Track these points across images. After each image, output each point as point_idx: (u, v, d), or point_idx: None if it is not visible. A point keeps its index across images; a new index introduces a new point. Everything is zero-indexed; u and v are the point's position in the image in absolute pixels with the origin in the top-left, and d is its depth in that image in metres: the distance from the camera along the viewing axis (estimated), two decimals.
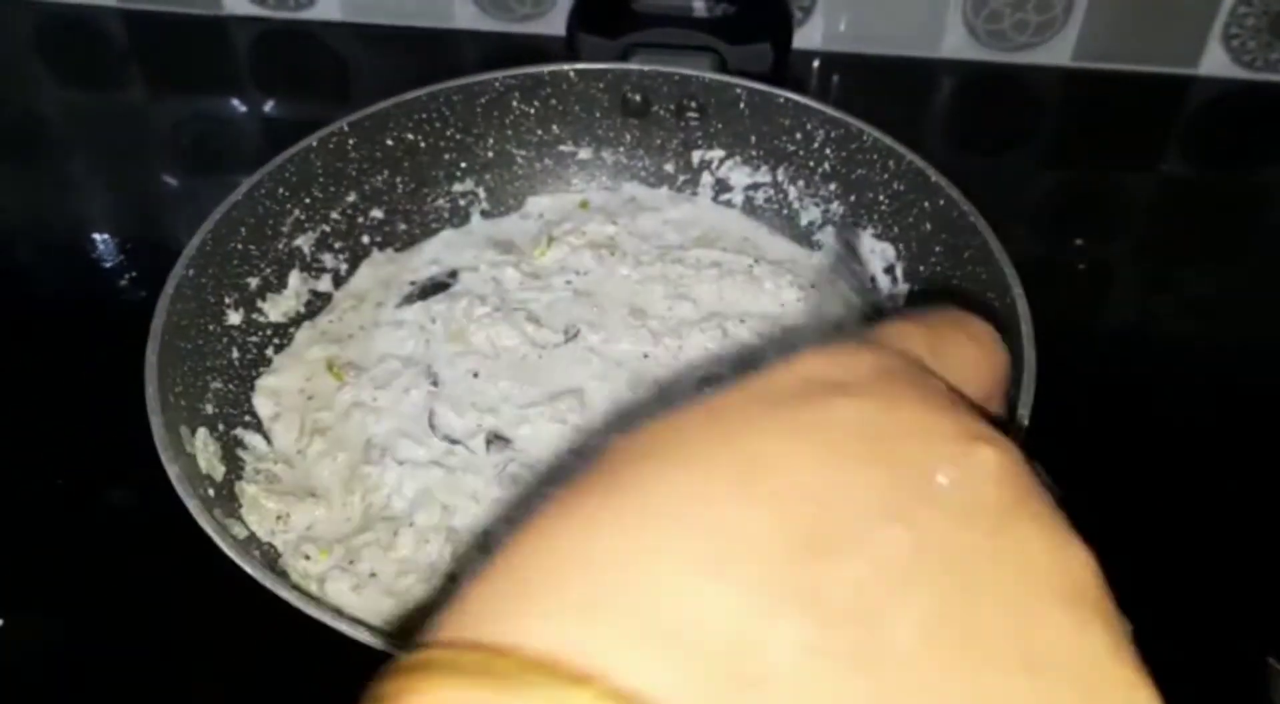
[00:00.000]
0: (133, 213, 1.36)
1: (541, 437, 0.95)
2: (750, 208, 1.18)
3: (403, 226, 1.14)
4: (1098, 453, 1.04)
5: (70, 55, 1.56)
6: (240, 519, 0.89)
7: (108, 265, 1.25)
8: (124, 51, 1.58)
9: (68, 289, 1.25)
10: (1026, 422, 0.82)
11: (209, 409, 0.93)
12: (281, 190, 1.03)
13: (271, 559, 0.88)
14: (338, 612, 0.72)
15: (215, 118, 1.48)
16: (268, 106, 1.51)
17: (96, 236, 1.28)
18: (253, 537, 0.88)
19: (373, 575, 0.87)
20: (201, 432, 0.90)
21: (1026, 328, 0.88)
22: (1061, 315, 1.17)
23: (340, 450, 0.95)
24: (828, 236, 1.13)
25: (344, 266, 1.10)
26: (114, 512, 1.00)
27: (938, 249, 1.03)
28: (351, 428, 0.96)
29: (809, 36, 1.50)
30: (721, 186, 1.18)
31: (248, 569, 0.74)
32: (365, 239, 1.12)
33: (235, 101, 1.51)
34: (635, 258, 1.11)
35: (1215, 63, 1.48)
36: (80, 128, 1.48)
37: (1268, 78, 1.49)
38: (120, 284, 1.22)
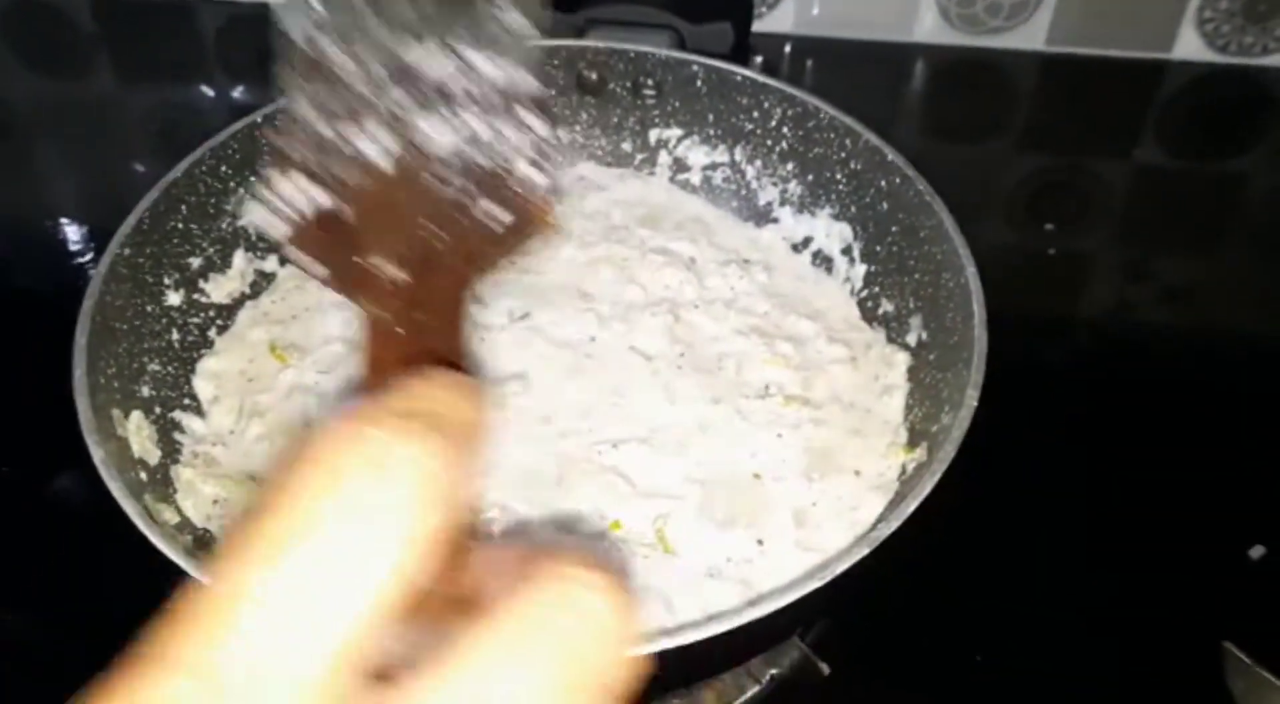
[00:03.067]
0: (99, 200, 1.34)
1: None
2: (708, 187, 1.16)
3: None
4: (1058, 438, 1.03)
5: (37, 42, 1.54)
6: (175, 504, 0.87)
7: (72, 252, 1.23)
8: (91, 38, 1.56)
9: (32, 276, 1.24)
10: (975, 404, 0.80)
11: (145, 391, 0.92)
12: (225, 167, 1.01)
13: (207, 544, 0.86)
14: None
15: (184, 104, 1.46)
16: (236, 92, 1.49)
17: (63, 224, 1.27)
18: (186, 522, 0.87)
19: None
20: (135, 415, 0.89)
21: (979, 308, 0.87)
22: (1030, 301, 1.16)
23: (280, 433, 0.93)
24: (786, 215, 1.11)
25: None
26: (53, 499, 0.99)
27: (894, 229, 1.01)
28: (292, 410, 0.95)
29: (780, 20, 1.48)
30: (679, 166, 1.17)
31: (170, 555, 0.72)
32: None
33: (204, 88, 1.49)
34: (580, 238, 1.10)
35: (1189, 47, 1.47)
36: (47, 115, 1.46)
37: (1242, 62, 1.47)
38: (78, 269, 1.20)
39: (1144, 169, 1.41)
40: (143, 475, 0.85)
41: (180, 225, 0.98)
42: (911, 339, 0.98)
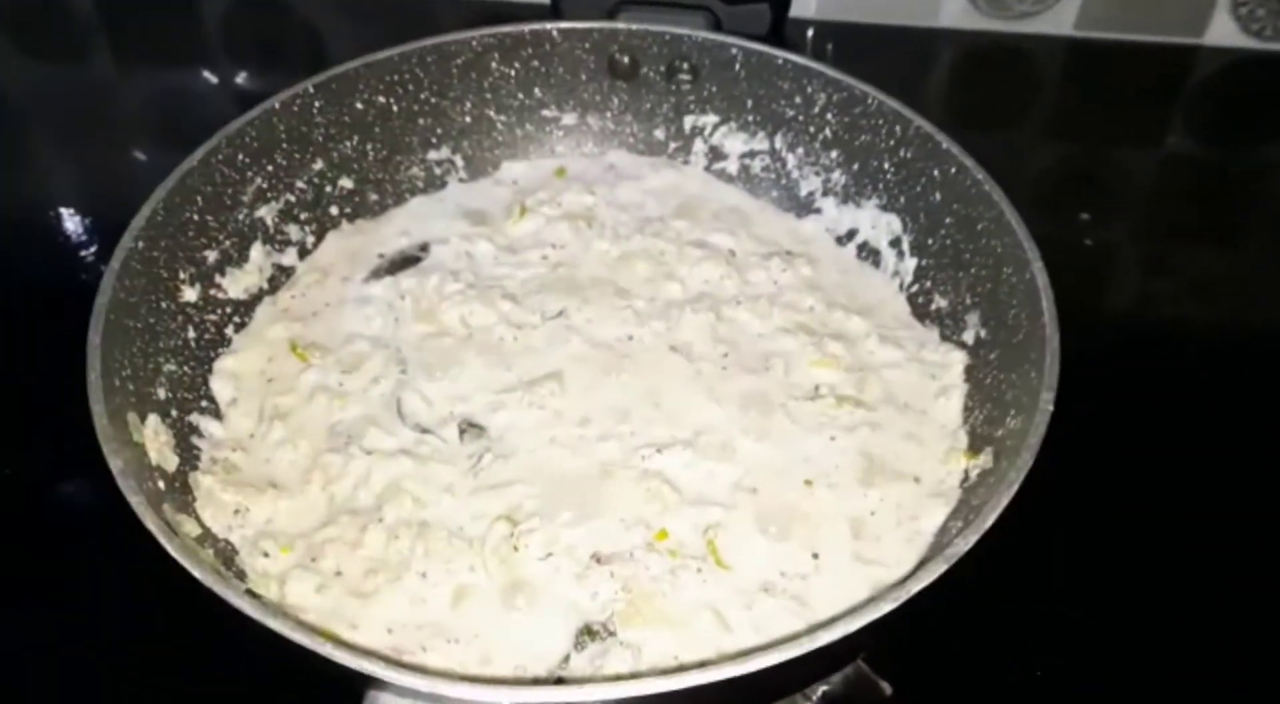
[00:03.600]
0: (99, 189, 1.29)
1: (519, 424, 0.89)
2: (746, 177, 1.11)
3: (374, 197, 1.07)
4: (1122, 441, 0.98)
5: (35, 27, 1.48)
6: (195, 514, 0.82)
7: (71, 243, 1.18)
8: (90, 23, 1.50)
9: (29, 268, 1.17)
10: (1050, 408, 0.75)
11: (161, 394, 0.86)
12: (242, 157, 0.96)
13: (228, 557, 0.82)
14: (296, 621, 0.65)
15: (186, 91, 1.41)
16: (240, 78, 1.43)
17: (62, 213, 1.21)
18: (207, 533, 0.82)
19: (338, 574, 0.80)
20: (152, 419, 0.83)
21: (1048, 305, 0.81)
22: (1069, 293, 1.11)
23: (302, 437, 0.88)
24: (829, 206, 1.06)
25: (310, 238, 1.04)
26: (64, 507, 0.94)
27: (948, 221, 0.96)
28: (315, 413, 0.90)
29: (804, 4, 1.42)
30: (715, 155, 1.11)
31: (196, 573, 0.67)
32: (334, 210, 1.05)
33: (207, 74, 1.44)
34: (614, 230, 1.05)
35: (1222, 32, 1.42)
36: (44, 102, 1.41)
37: (1278, 48, 1.42)
38: (83, 262, 1.15)
39: (1175, 156, 1.36)
40: (160, 484, 0.80)
41: (196, 217, 0.93)
42: (969, 337, 0.93)
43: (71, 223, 1.20)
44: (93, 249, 1.16)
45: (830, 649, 0.65)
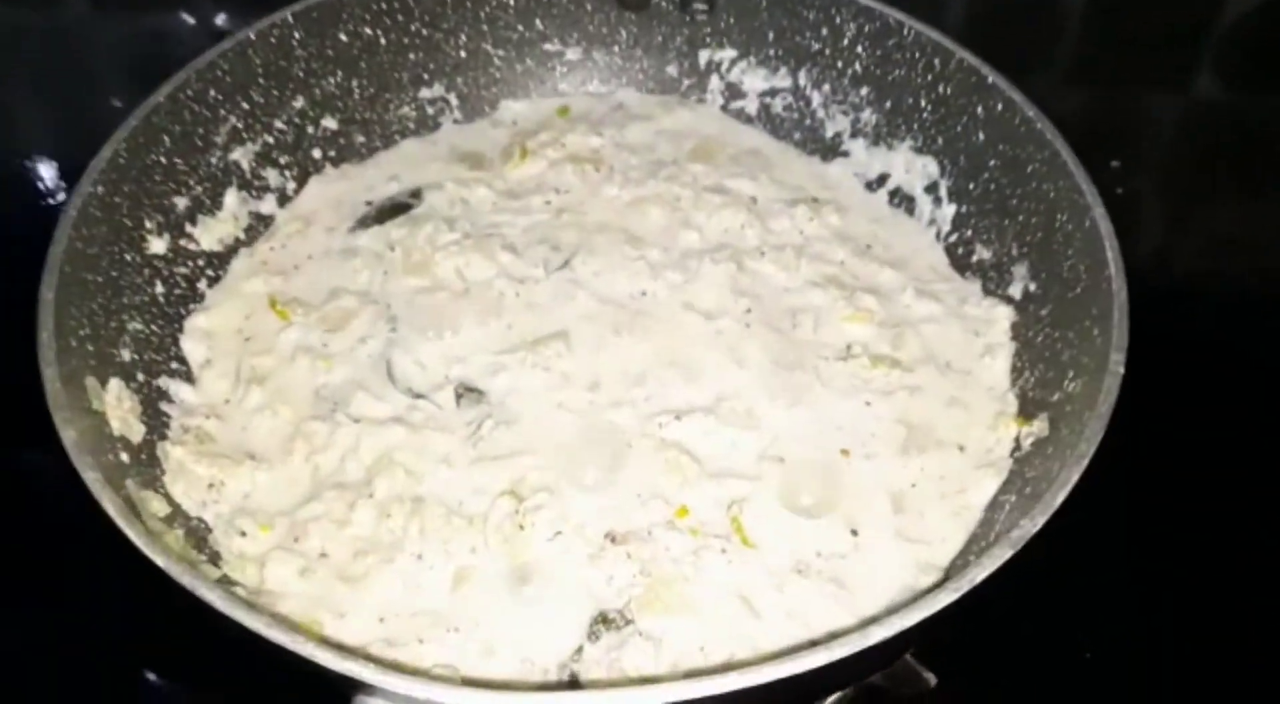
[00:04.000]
0: (70, 135, 1.19)
1: (521, 388, 0.81)
2: (767, 117, 1.02)
3: (360, 138, 0.99)
4: (1178, 410, 0.90)
5: None
6: (163, 490, 0.74)
7: (41, 193, 1.09)
8: None
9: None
10: (1121, 370, 0.68)
11: (125, 355, 0.78)
12: (214, 93, 0.87)
13: (201, 537, 0.74)
14: (271, 616, 0.57)
15: (161, 32, 1.31)
16: (219, 19, 1.33)
17: (31, 162, 1.12)
18: (177, 510, 0.74)
19: (323, 556, 0.73)
20: (115, 383, 0.75)
21: (1114, 255, 0.74)
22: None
23: (282, 403, 0.81)
24: (858, 148, 0.98)
25: (290, 184, 0.95)
26: (18, 483, 0.85)
27: (992, 163, 0.88)
28: (297, 376, 0.82)
29: None
30: (733, 93, 1.03)
31: (159, 561, 0.59)
32: (316, 153, 0.96)
33: (183, 14, 1.34)
34: (623, 174, 0.96)
35: None
36: (11, 44, 1.31)
37: None
38: (53, 213, 1.06)
39: (1201, 103, 1.27)
40: (124, 456, 0.72)
41: (163, 160, 0.84)
42: (1015, 291, 0.86)
43: (38, 169, 1.12)
44: (60, 197, 1.07)
45: (880, 647, 0.57)
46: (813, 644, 0.60)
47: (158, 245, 0.84)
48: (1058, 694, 0.77)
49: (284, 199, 0.94)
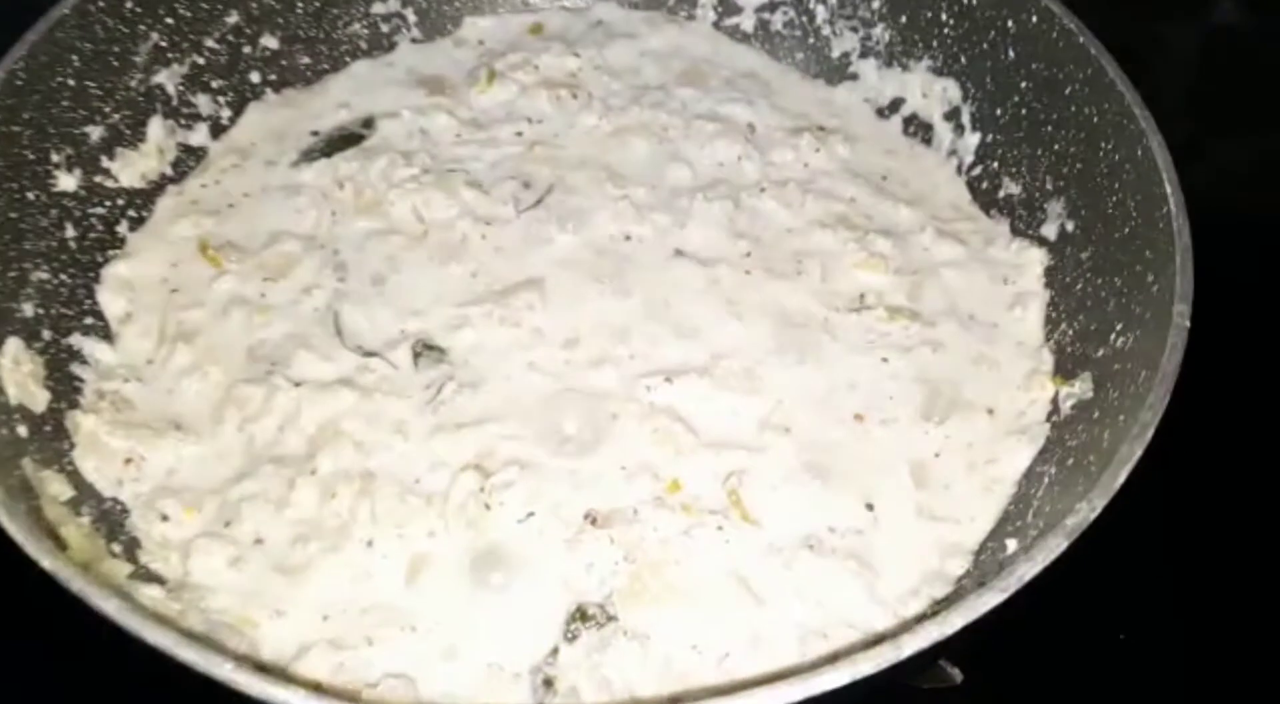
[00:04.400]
0: None
1: (487, 345, 0.73)
2: (765, 35, 0.93)
3: (304, 60, 0.89)
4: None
5: None
6: (71, 467, 0.66)
7: None
8: None
9: None
10: (1186, 322, 0.59)
11: (27, 310, 0.69)
12: (131, 5, 0.77)
13: (116, 522, 0.65)
14: (181, 632, 0.48)
15: None
16: None
17: None
18: (88, 491, 0.65)
19: (258, 542, 0.65)
20: (13, 343, 0.66)
21: (1174, 190, 0.65)
22: None
23: (213, 364, 0.72)
24: (869, 70, 0.88)
25: (225, 112, 0.86)
26: None
27: (1024, 85, 0.79)
28: (230, 332, 0.74)
29: None
30: (726, 7, 0.94)
31: (45, 563, 0.50)
32: (254, 76, 0.87)
33: None
34: (604, 101, 0.88)
35: None
36: None
37: None
38: None
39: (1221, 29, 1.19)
40: (21, 430, 0.63)
41: (71, 82, 0.74)
42: (1049, 231, 0.77)
43: None
44: None
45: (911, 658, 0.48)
46: (825, 638, 0.55)
47: (67, 182, 0.75)
48: (1090, 692, 0.69)
49: (217, 129, 0.85)
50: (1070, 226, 0.75)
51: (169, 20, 0.80)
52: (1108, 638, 0.70)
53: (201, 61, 0.83)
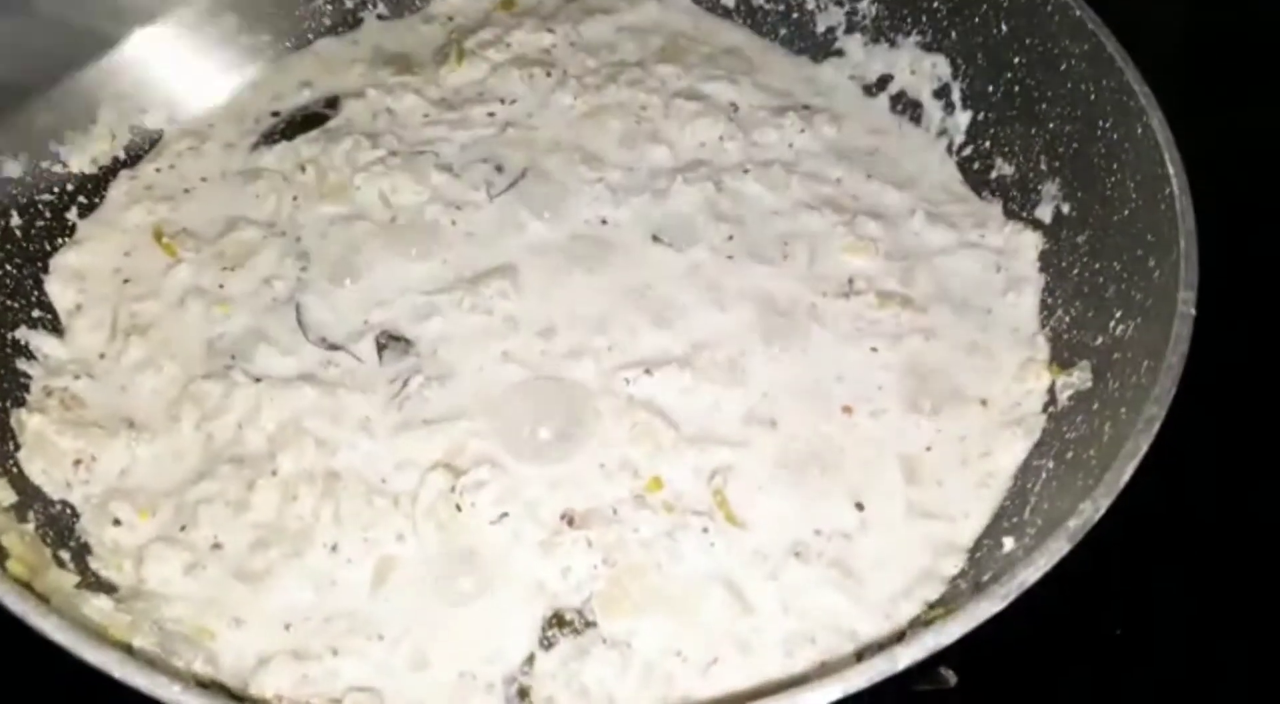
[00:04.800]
0: None
1: (457, 336, 0.70)
2: (747, 9, 0.90)
3: (265, 37, 0.85)
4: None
5: None
6: (16, 469, 0.62)
7: None
8: None
9: None
10: (1192, 311, 0.56)
11: None
12: None
13: (64, 527, 0.62)
14: (125, 651, 0.45)
15: None
16: None
17: None
18: (34, 495, 0.62)
19: (216, 548, 0.62)
20: None
21: (1176, 169, 0.62)
22: None
23: (168, 358, 0.69)
24: (854, 46, 0.85)
25: None
26: None
27: (1017, 60, 0.76)
28: (187, 325, 0.71)
29: None
30: None
31: None
32: None
33: None
34: (579, 79, 0.85)
35: None
36: None
37: None
38: None
39: None
40: None
41: None
42: (1044, 213, 0.74)
43: None
44: None
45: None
46: (813, 643, 0.55)
47: (12, 168, 0.72)
48: (1088, 694, 0.67)
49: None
50: (1066, 209, 0.72)
51: None
52: (1104, 640, 0.68)
53: None
